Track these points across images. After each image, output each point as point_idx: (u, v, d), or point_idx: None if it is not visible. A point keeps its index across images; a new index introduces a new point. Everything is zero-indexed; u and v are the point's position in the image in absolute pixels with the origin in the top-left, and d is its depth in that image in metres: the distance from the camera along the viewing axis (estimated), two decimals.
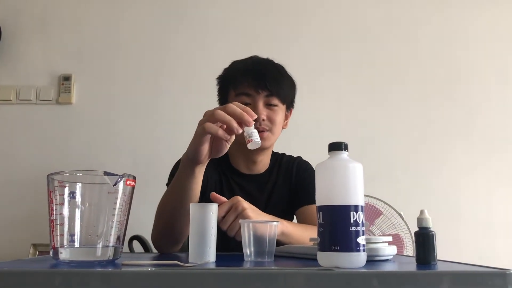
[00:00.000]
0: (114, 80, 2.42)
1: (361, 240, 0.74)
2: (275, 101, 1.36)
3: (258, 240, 0.90)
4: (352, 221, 0.74)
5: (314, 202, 1.32)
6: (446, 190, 2.34)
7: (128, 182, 0.82)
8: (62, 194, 0.79)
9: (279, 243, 1.14)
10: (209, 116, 0.96)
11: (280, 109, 1.39)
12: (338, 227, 0.74)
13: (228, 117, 0.93)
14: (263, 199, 1.44)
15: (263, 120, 1.34)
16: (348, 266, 0.73)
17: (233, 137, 0.99)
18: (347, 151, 0.81)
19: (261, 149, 1.37)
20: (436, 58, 2.48)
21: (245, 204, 1.07)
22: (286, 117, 1.46)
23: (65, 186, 0.79)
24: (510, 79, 2.47)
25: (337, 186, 0.76)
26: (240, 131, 0.93)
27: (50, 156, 2.33)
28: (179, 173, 1.09)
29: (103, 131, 2.36)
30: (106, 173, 0.80)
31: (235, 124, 0.93)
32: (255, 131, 0.82)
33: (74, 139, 2.35)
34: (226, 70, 1.46)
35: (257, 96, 1.34)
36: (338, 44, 2.48)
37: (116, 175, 0.81)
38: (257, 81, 1.33)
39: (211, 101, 2.38)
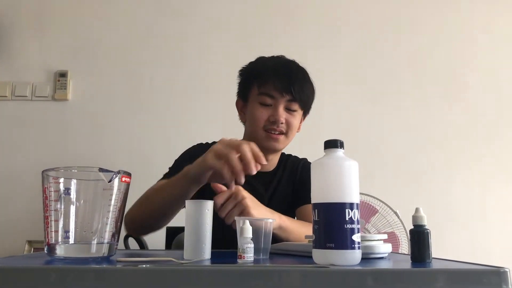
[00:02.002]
0: (110, 76, 2.41)
1: (356, 237, 0.74)
2: (296, 106, 1.37)
3: (253, 237, 0.90)
4: (347, 219, 0.74)
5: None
6: (441, 189, 2.35)
7: (123, 179, 0.82)
8: (57, 191, 0.79)
9: (277, 238, 1.15)
10: (226, 154, 0.98)
11: (298, 114, 1.40)
12: (333, 224, 0.74)
13: (239, 168, 0.97)
14: (267, 196, 1.45)
15: (282, 123, 1.35)
16: (343, 263, 0.73)
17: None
18: (343, 148, 0.81)
19: (273, 151, 1.40)
20: (433, 57, 2.48)
21: (245, 193, 1.08)
22: (301, 121, 1.46)
23: (60, 183, 0.79)
24: (505, 78, 2.47)
25: (332, 183, 0.76)
26: (243, 181, 0.99)
27: (46, 153, 2.32)
28: (177, 180, 1.12)
29: (99, 128, 2.36)
30: (101, 170, 0.80)
31: (242, 177, 0.98)
32: (251, 246, 0.81)
33: (69, 135, 2.35)
34: (252, 64, 1.45)
35: (280, 99, 1.34)
36: (335, 42, 2.48)
37: (111, 171, 0.80)
38: (283, 84, 1.33)
39: (208, 99, 2.39)
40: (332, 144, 0.80)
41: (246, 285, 0.65)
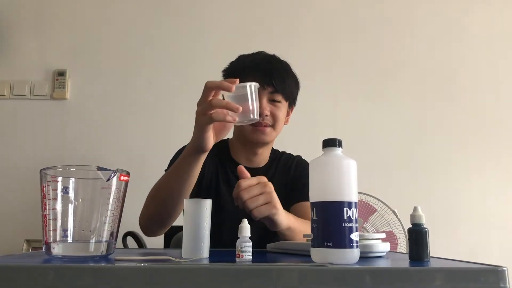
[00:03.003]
0: (109, 75, 2.41)
1: (354, 236, 0.74)
2: (279, 97, 1.38)
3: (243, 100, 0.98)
4: (345, 218, 0.74)
5: (308, 200, 1.33)
6: (440, 188, 2.35)
7: (122, 178, 0.82)
8: (55, 189, 0.79)
9: (283, 238, 1.16)
10: (207, 106, 0.98)
11: (283, 105, 1.41)
12: (331, 223, 0.75)
13: (224, 101, 0.98)
14: None
15: (266, 115, 1.37)
16: (341, 262, 0.73)
17: (237, 118, 1.01)
18: (341, 147, 0.81)
19: (262, 143, 1.41)
20: (432, 56, 2.49)
21: (272, 186, 1.08)
22: (288, 114, 1.48)
23: (58, 181, 0.79)
24: (504, 78, 2.48)
25: (331, 182, 0.76)
26: (241, 109, 0.97)
27: (44, 151, 2.32)
28: (182, 159, 1.12)
29: (98, 126, 2.35)
30: (99, 168, 0.80)
31: (234, 105, 0.96)
32: (250, 245, 0.80)
33: (68, 134, 2.34)
34: (232, 63, 1.47)
35: (262, 91, 1.36)
36: (333, 41, 2.48)
37: (110, 170, 0.80)
38: (263, 77, 1.35)
39: None
40: (330, 143, 0.80)
41: (244, 284, 0.65)
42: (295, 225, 1.17)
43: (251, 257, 0.81)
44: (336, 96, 2.42)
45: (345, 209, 0.74)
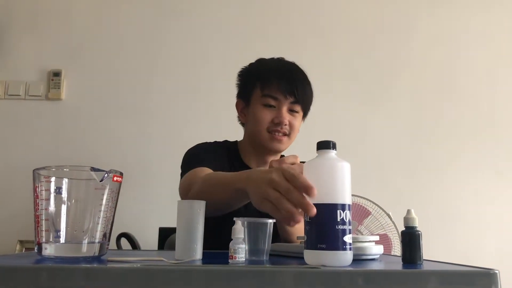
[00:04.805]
0: (104, 76, 2.41)
1: (348, 238, 0.74)
2: (298, 108, 1.40)
3: (254, 238, 0.90)
4: (339, 220, 0.74)
5: None
6: (435, 191, 2.36)
7: (115, 178, 0.82)
8: (48, 189, 0.78)
9: (283, 235, 1.16)
10: (276, 198, 0.78)
11: (300, 115, 1.43)
12: (325, 225, 0.75)
13: (293, 210, 0.76)
14: None
15: (285, 124, 1.37)
16: (334, 264, 0.73)
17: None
18: (335, 149, 0.81)
19: (277, 151, 1.42)
20: (427, 60, 2.50)
21: None
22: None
23: (51, 182, 0.79)
24: (499, 81, 2.49)
25: (324, 184, 0.76)
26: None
27: (39, 152, 2.31)
28: (234, 193, 0.99)
29: (92, 127, 2.35)
30: (93, 169, 0.80)
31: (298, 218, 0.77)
32: (243, 247, 0.79)
33: (63, 135, 2.34)
34: (254, 66, 1.46)
35: (283, 101, 1.36)
36: (329, 43, 2.48)
37: (103, 171, 0.80)
38: (287, 86, 1.35)
39: (202, 100, 2.39)
40: (324, 145, 0.80)
41: (237, 286, 0.65)
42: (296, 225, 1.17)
43: (244, 259, 0.81)
44: (332, 99, 2.42)
45: (338, 211, 0.74)
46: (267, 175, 0.80)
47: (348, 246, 0.74)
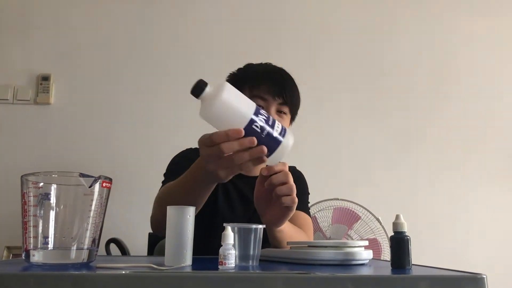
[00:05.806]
0: (94, 80, 2.39)
1: (276, 128, 0.89)
2: (286, 109, 1.40)
3: (244, 244, 0.90)
4: (259, 130, 0.87)
5: (301, 209, 1.34)
6: (424, 196, 2.38)
7: (104, 184, 0.81)
8: (36, 196, 0.78)
9: (273, 240, 1.16)
10: (216, 154, 0.91)
11: (288, 118, 1.43)
12: (259, 142, 0.87)
13: (236, 147, 0.88)
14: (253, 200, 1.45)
15: None
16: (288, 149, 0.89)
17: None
18: (206, 87, 0.95)
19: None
20: (416, 64, 2.52)
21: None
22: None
23: (39, 187, 0.78)
24: (487, 87, 2.52)
25: (232, 116, 0.88)
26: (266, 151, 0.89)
27: (27, 157, 2.29)
28: (194, 183, 1.07)
29: (82, 132, 2.33)
30: (81, 175, 0.79)
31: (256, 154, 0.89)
32: (232, 253, 0.80)
33: (51, 140, 2.32)
34: (242, 69, 1.47)
35: (272, 102, 1.37)
36: (317, 48, 2.50)
37: (92, 176, 0.80)
38: (275, 87, 1.36)
39: (192, 104, 2.38)
40: (197, 91, 0.97)
41: None
42: (286, 229, 1.17)
43: (234, 265, 0.81)
44: (321, 104, 2.43)
45: (253, 126, 0.86)
46: (203, 146, 0.94)
47: (282, 133, 0.89)
